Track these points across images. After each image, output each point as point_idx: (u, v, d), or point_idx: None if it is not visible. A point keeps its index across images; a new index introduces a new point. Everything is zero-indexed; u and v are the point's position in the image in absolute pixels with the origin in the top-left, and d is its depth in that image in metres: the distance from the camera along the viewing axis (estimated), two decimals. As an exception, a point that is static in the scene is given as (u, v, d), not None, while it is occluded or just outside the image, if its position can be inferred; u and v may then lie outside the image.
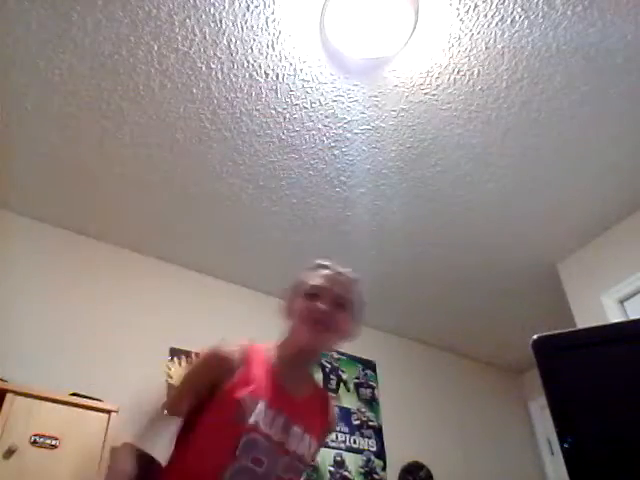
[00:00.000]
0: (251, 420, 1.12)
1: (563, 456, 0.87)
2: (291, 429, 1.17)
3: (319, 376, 3.34)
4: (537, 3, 2.05)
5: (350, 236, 3.08)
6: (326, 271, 1.31)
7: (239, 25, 2.12)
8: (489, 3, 2.06)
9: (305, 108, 2.44)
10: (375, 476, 3.26)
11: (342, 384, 3.45)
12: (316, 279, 1.29)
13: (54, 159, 2.61)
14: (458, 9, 2.07)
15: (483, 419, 3.97)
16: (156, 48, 2.18)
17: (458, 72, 2.29)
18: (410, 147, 2.61)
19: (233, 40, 2.17)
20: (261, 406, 1.14)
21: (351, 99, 2.41)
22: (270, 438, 1.13)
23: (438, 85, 2.34)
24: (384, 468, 3.31)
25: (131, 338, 2.84)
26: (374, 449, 3.34)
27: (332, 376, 3.43)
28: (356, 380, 3.53)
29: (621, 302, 2.92)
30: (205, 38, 2.16)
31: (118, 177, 2.72)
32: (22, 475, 1.92)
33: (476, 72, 2.29)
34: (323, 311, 1.23)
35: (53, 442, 2.03)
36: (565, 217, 3.03)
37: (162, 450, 1.24)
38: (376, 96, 2.40)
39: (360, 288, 1.34)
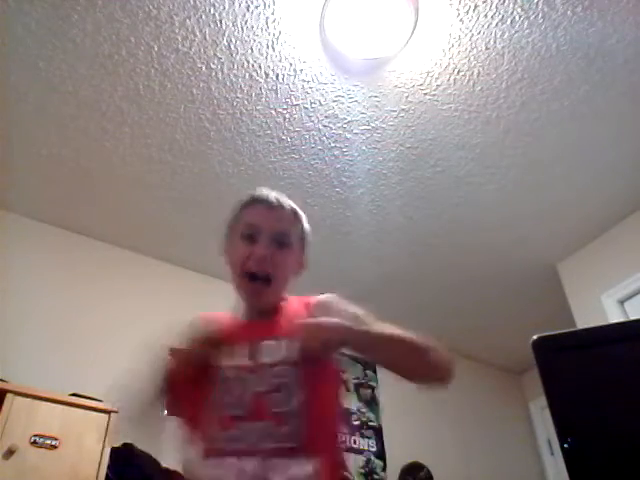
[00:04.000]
0: (219, 363, 1.08)
1: (563, 456, 0.88)
2: (260, 347, 1.09)
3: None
4: (537, 3, 2.05)
5: (350, 237, 3.08)
6: (261, 206, 1.18)
7: (239, 25, 2.12)
8: (489, 3, 2.06)
9: (305, 108, 2.44)
10: (375, 476, 3.26)
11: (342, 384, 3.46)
12: (251, 216, 1.18)
13: (54, 159, 2.61)
14: (458, 9, 2.07)
15: (483, 419, 3.97)
16: (156, 49, 2.18)
17: (458, 72, 2.29)
18: (410, 147, 2.61)
19: (233, 40, 2.17)
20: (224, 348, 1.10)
21: (351, 99, 2.41)
22: (237, 367, 1.08)
23: (438, 85, 2.34)
24: (384, 468, 3.31)
25: (131, 338, 2.84)
26: (374, 449, 3.34)
27: (332, 376, 3.42)
28: (356, 380, 3.53)
29: (621, 302, 2.92)
30: (205, 38, 2.16)
31: (118, 177, 2.72)
32: (22, 475, 1.92)
33: (476, 72, 2.29)
34: (260, 256, 1.13)
35: (53, 442, 2.03)
36: (565, 217, 3.03)
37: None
38: (376, 96, 2.40)
39: (302, 216, 1.24)
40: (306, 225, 1.26)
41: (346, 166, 2.70)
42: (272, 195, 1.21)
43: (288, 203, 1.22)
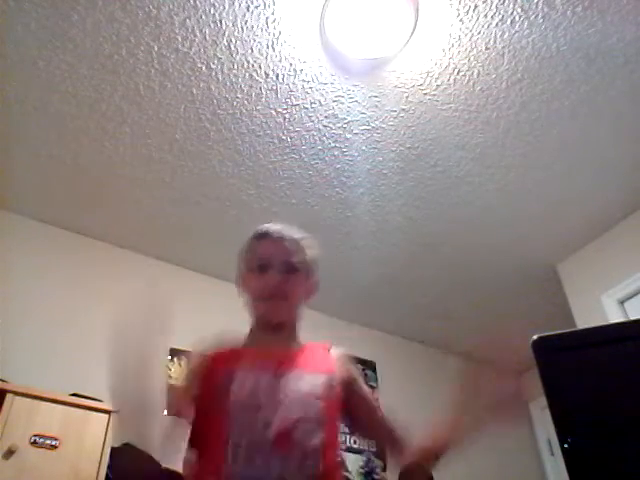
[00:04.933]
0: (234, 389, 1.12)
1: (563, 456, 0.87)
2: (283, 376, 1.15)
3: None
4: (537, 3, 2.05)
5: (350, 237, 3.08)
6: (270, 240, 1.30)
7: (239, 25, 2.12)
8: (489, 4, 2.06)
9: (305, 108, 2.44)
10: (375, 476, 3.26)
11: (342, 384, 3.45)
12: (261, 250, 1.31)
13: (54, 159, 2.61)
14: (458, 9, 2.07)
15: (483, 419, 3.96)
16: (156, 49, 2.18)
17: (458, 72, 2.29)
18: (410, 147, 2.61)
19: (233, 40, 2.17)
20: (240, 374, 1.14)
21: (351, 99, 2.41)
22: (257, 395, 1.12)
23: (438, 85, 2.34)
24: (384, 468, 3.31)
25: (131, 338, 2.84)
26: (374, 449, 3.34)
27: (332, 376, 3.42)
28: (356, 380, 3.53)
29: (621, 302, 2.92)
30: (205, 39, 2.16)
31: (118, 177, 2.72)
32: (22, 475, 1.92)
33: (476, 72, 2.29)
34: (273, 284, 1.24)
35: (53, 442, 2.03)
36: (565, 217, 3.02)
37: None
38: (376, 96, 2.40)
39: (308, 245, 1.33)
40: (312, 253, 1.33)
41: (346, 166, 2.70)
42: (277, 228, 1.32)
43: (291, 235, 1.32)
